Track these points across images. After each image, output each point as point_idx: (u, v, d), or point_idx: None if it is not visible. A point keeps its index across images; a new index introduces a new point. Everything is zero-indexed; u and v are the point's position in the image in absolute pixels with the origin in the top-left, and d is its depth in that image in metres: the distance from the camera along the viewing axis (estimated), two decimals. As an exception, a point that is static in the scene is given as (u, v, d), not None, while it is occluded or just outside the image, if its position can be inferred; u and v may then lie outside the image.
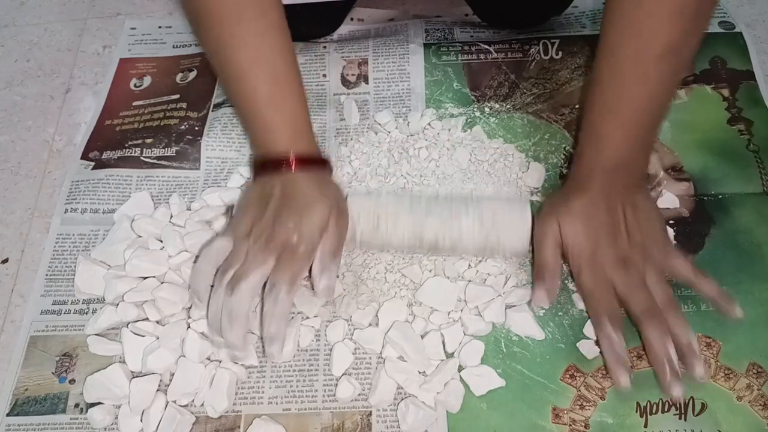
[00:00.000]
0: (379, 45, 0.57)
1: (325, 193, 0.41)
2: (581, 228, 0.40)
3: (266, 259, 0.38)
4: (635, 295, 0.39)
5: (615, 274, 0.39)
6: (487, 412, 0.39)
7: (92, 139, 0.53)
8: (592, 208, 0.40)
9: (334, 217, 0.40)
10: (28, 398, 0.40)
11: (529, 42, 0.56)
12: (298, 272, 0.39)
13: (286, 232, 0.39)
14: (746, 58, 0.54)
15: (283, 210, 0.40)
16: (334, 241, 0.40)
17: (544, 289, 0.41)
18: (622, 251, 0.39)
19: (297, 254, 0.39)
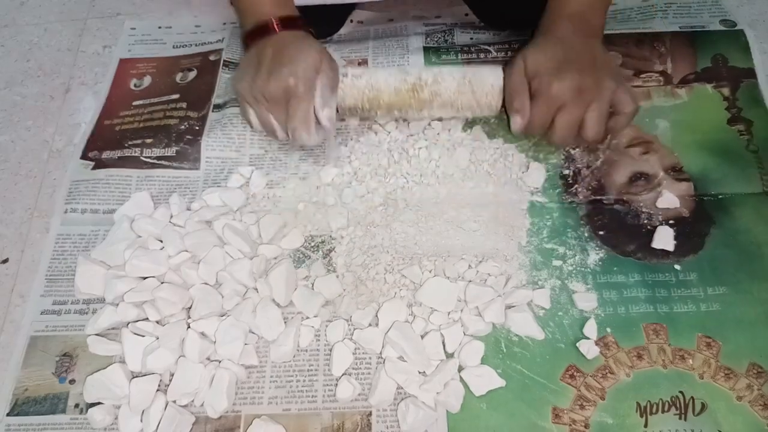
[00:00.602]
0: (378, 46, 0.57)
1: (311, 42, 0.46)
2: (543, 58, 0.45)
3: (276, 113, 0.44)
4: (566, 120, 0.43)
5: (565, 96, 0.43)
6: (487, 412, 0.39)
7: (92, 139, 0.53)
8: (554, 46, 0.45)
9: (325, 58, 0.45)
10: (28, 398, 0.41)
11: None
12: (306, 109, 0.43)
13: (282, 79, 0.43)
14: (748, 55, 0.54)
15: (275, 63, 0.44)
16: (331, 77, 0.45)
17: (517, 113, 0.45)
18: (576, 78, 0.43)
19: (299, 94, 0.43)
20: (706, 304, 0.42)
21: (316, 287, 0.44)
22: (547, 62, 0.44)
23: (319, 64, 0.44)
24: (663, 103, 0.52)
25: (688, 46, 0.55)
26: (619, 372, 0.40)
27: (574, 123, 0.43)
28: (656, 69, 0.54)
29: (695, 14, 0.58)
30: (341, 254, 0.45)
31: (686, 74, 0.54)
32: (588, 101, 0.43)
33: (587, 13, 0.46)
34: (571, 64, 0.43)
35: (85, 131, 0.54)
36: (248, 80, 0.45)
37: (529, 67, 0.45)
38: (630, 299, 0.43)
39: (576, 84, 0.43)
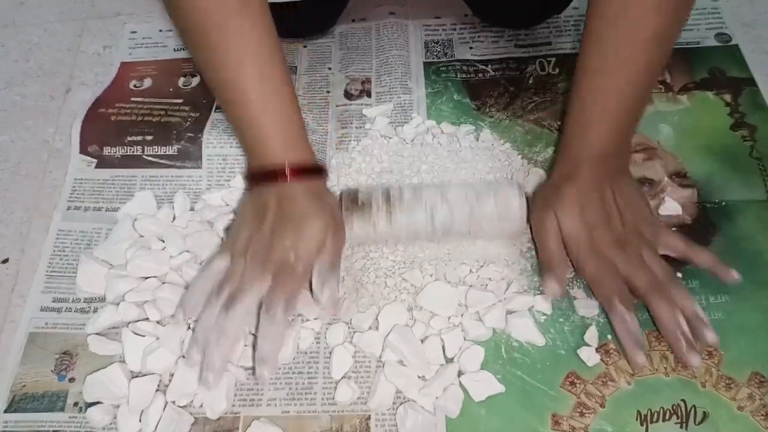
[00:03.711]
0: (381, 64, 0.60)
1: (321, 205, 0.43)
2: (577, 217, 0.43)
3: (263, 279, 0.40)
4: (638, 273, 0.42)
5: (615, 255, 0.42)
6: (487, 418, 0.41)
7: (87, 129, 0.55)
8: (584, 197, 0.43)
9: (330, 231, 0.42)
10: (26, 395, 0.43)
11: (525, 61, 0.60)
12: (294, 292, 0.41)
13: (283, 250, 0.41)
14: (744, 68, 0.57)
15: (280, 226, 0.41)
16: (332, 255, 0.43)
17: (555, 278, 0.43)
18: (618, 233, 0.43)
19: (294, 274, 0.41)
20: (708, 312, 0.44)
21: (317, 289, 0.46)
22: (583, 222, 0.42)
23: (323, 240, 0.42)
24: (665, 108, 0.55)
25: (684, 61, 0.58)
26: (620, 379, 0.42)
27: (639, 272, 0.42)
28: (655, 79, 0.57)
29: (692, 26, 0.61)
30: (344, 256, 0.47)
31: (686, 83, 0.57)
32: (637, 250, 0.42)
33: (613, 152, 0.44)
34: (608, 217, 0.43)
35: (79, 119, 0.55)
36: (247, 230, 0.42)
37: (564, 229, 0.43)
38: (632, 306, 0.45)
39: (618, 238, 0.42)
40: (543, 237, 0.44)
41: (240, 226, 0.43)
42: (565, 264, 0.44)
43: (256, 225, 0.42)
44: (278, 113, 0.44)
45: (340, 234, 0.44)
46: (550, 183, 0.46)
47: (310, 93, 0.59)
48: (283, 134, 0.44)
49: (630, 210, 0.44)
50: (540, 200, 0.46)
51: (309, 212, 0.42)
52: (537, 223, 0.45)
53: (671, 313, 0.41)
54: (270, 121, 0.43)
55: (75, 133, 0.55)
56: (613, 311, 0.42)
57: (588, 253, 0.43)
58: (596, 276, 0.43)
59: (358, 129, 0.56)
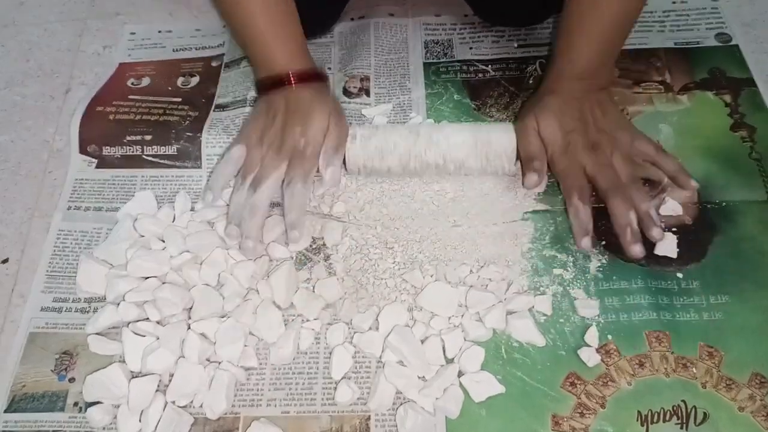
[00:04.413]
0: (380, 65, 0.61)
1: (324, 100, 0.49)
2: (555, 120, 0.48)
3: (280, 163, 0.47)
4: (602, 174, 0.47)
5: (585, 156, 0.47)
6: (487, 419, 0.41)
7: (85, 127, 0.55)
8: (564, 105, 0.48)
9: (333, 119, 0.49)
10: (26, 395, 0.43)
11: (526, 61, 0.60)
12: (309, 169, 0.47)
13: (294, 138, 0.47)
14: (745, 68, 0.57)
15: (289, 119, 0.48)
16: (335, 138, 0.49)
17: (534, 172, 0.47)
18: (592, 137, 0.48)
19: (306, 155, 0.47)
20: (708, 313, 0.44)
21: (317, 290, 0.46)
22: (560, 124, 0.48)
23: (327, 126, 0.48)
24: (665, 108, 0.55)
25: (684, 61, 0.59)
26: (620, 380, 0.42)
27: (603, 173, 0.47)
28: (655, 79, 0.57)
29: (692, 25, 0.61)
30: (342, 257, 0.48)
31: (686, 83, 0.57)
32: (606, 153, 0.47)
33: (595, 69, 0.49)
34: (584, 123, 0.48)
35: (77, 118, 0.56)
36: (260, 126, 0.49)
37: (542, 129, 0.48)
38: (632, 306, 0.45)
39: (591, 141, 0.47)
40: (523, 138, 0.49)
41: (253, 122, 0.50)
42: (543, 158, 0.48)
43: (268, 120, 0.49)
44: (284, 32, 0.50)
45: (342, 121, 0.50)
46: (536, 96, 0.52)
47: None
48: (288, 46, 0.50)
49: (607, 120, 0.49)
50: (524, 109, 0.52)
51: (314, 105, 0.48)
52: (520, 126, 0.50)
53: (625, 210, 0.46)
54: (276, 37, 0.49)
55: (74, 132, 0.55)
56: (570, 203, 0.47)
57: (561, 154, 0.48)
58: (563, 172, 0.48)
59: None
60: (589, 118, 0.48)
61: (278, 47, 0.49)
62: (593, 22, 0.48)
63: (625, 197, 0.46)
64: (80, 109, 0.56)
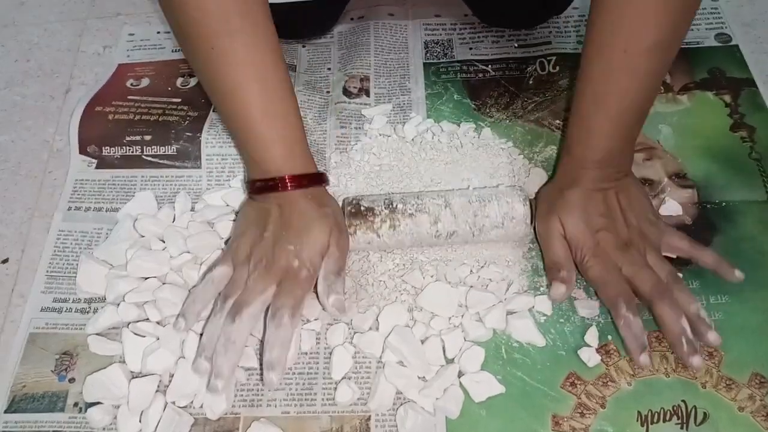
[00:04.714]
0: (380, 65, 0.61)
1: (323, 212, 0.43)
2: (581, 220, 0.44)
3: (267, 286, 0.40)
4: (642, 275, 0.42)
5: (619, 258, 0.43)
6: (487, 419, 0.41)
7: (84, 127, 0.55)
8: (588, 200, 0.44)
9: (334, 236, 0.43)
10: (26, 395, 0.43)
11: (526, 61, 0.60)
12: (300, 298, 0.41)
13: (286, 256, 0.41)
14: (745, 68, 0.57)
15: (282, 233, 0.42)
16: (337, 260, 0.43)
17: (561, 283, 0.43)
18: (622, 235, 0.43)
19: (299, 279, 0.41)
20: (708, 313, 0.44)
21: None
22: (587, 224, 0.43)
23: (326, 245, 0.42)
24: (665, 109, 0.55)
25: (684, 61, 0.59)
26: (620, 380, 0.42)
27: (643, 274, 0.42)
28: (655, 79, 0.57)
29: (692, 26, 0.60)
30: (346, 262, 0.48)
31: (686, 83, 0.57)
32: (641, 251, 0.43)
33: (616, 155, 0.44)
34: (613, 220, 0.44)
35: (76, 118, 0.55)
36: (249, 240, 0.43)
37: (568, 233, 0.44)
38: (632, 307, 0.45)
39: (622, 239, 0.43)
40: (548, 241, 0.45)
41: (241, 234, 0.44)
42: (571, 266, 0.44)
43: (258, 233, 0.42)
44: (280, 126, 0.44)
45: (344, 239, 0.44)
46: (554, 187, 0.47)
47: (309, 92, 0.59)
48: (284, 143, 0.44)
49: (633, 212, 0.44)
50: (544, 204, 0.46)
51: (311, 218, 0.42)
52: (542, 228, 0.46)
53: (675, 316, 0.41)
54: (271, 131, 0.43)
55: (73, 133, 0.55)
56: (618, 314, 0.42)
57: (592, 256, 0.43)
58: (600, 278, 0.43)
59: (357, 129, 0.56)
60: (617, 211, 0.44)
61: (274, 144, 0.43)
62: (612, 102, 0.42)
63: (673, 301, 0.41)
64: (79, 110, 0.56)
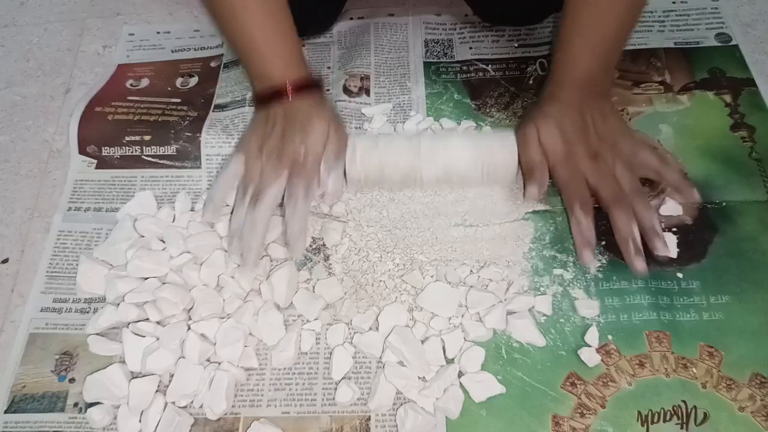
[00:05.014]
0: (380, 64, 0.61)
1: (322, 108, 0.49)
2: (556, 129, 0.47)
3: (280, 174, 0.46)
4: (604, 185, 0.46)
5: (587, 166, 0.47)
6: (487, 419, 0.41)
7: (84, 128, 0.55)
8: (565, 113, 0.47)
9: (333, 127, 0.48)
10: (26, 395, 0.43)
11: (526, 61, 0.60)
12: (310, 179, 0.46)
13: (294, 147, 0.46)
14: (745, 68, 0.57)
15: (288, 129, 0.47)
16: (335, 145, 0.48)
17: (535, 182, 0.47)
18: (593, 146, 0.47)
19: (307, 165, 0.46)
20: (708, 313, 0.44)
21: (317, 290, 0.46)
22: (561, 134, 0.47)
23: (326, 135, 0.47)
24: (665, 109, 0.55)
25: (684, 61, 0.58)
26: (621, 380, 0.42)
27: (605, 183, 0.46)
28: (655, 80, 0.57)
29: (692, 25, 0.61)
30: (341, 258, 0.48)
31: (686, 83, 0.57)
32: (608, 161, 0.46)
33: (595, 77, 0.48)
34: (585, 132, 0.47)
35: (76, 118, 0.55)
36: (259, 136, 0.48)
37: (543, 138, 0.47)
38: (632, 306, 0.45)
39: (593, 150, 0.46)
40: (524, 147, 0.48)
41: (251, 133, 0.49)
42: (544, 169, 0.47)
43: (267, 130, 0.48)
44: (280, 41, 0.49)
45: (341, 129, 0.49)
46: (536, 105, 0.51)
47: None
48: (284, 56, 0.49)
49: (608, 128, 0.48)
50: (525, 118, 0.51)
51: (312, 114, 0.48)
52: (520, 135, 0.49)
53: (627, 221, 0.45)
54: (272, 47, 0.49)
55: (73, 133, 0.55)
56: (571, 214, 0.47)
57: (562, 163, 0.47)
58: (565, 183, 0.47)
59: (357, 128, 0.56)
60: (590, 125, 0.47)
61: (275, 58, 0.49)
62: (592, 29, 0.47)
63: (628, 209, 0.45)
64: (78, 111, 0.56)
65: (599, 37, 0.47)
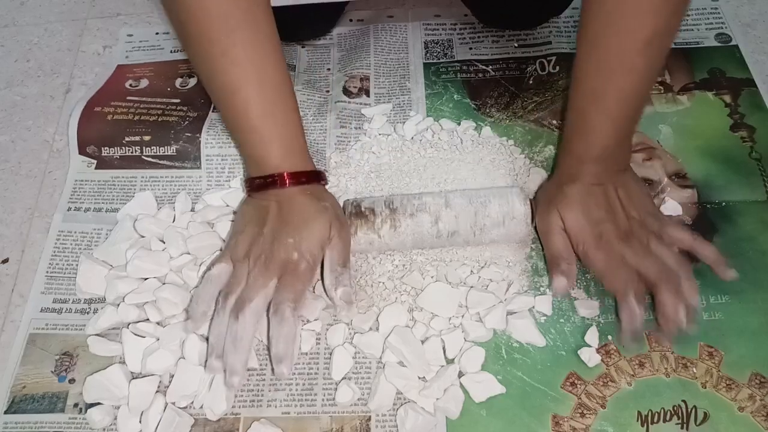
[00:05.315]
0: (380, 65, 0.60)
1: (321, 205, 0.43)
2: (581, 213, 0.44)
3: (268, 281, 0.40)
4: (646, 262, 0.42)
5: (622, 247, 0.43)
6: (487, 419, 0.41)
7: (84, 128, 0.54)
8: (588, 194, 0.44)
9: (335, 227, 0.43)
10: (26, 396, 0.43)
11: (526, 61, 0.60)
12: (301, 291, 0.41)
13: (285, 250, 0.41)
14: (744, 68, 0.57)
15: (281, 228, 0.42)
16: (341, 250, 0.43)
17: (562, 275, 0.43)
18: (623, 226, 0.43)
19: (299, 272, 0.41)
20: (708, 313, 0.44)
21: (317, 290, 0.45)
22: (587, 218, 0.43)
23: (326, 238, 0.42)
24: (665, 109, 0.55)
25: (684, 61, 0.58)
26: (621, 380, 0.42)
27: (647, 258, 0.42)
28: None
29: (692, 25, 0.61)
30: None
31: (686, 83, 0.57)
32: (642, 240, 0.43)
33: (614, 150, 0.44)
34: (613, 213, 0.43)
35: (75, 118, 0.55)
36: (248, 237, 0.42)
37: (569, 227, 0.44)
38: (632, 307, 0.45)
39: (623, 230, 0.43)
40: (548, 235, 0.45)
41: (240, 231, 0.44)
42: (572, 259, 0.44)
43: (256, 229, 0.43)
44: (280, 124, 0.44)
45: (345, 230, 0.44)
46: (553, 183, 0.47)
47: (308, 91, 0.58)
48: (283, 141, 0.44)
49: (633, 204, 0.44)
50: (544, 201, 0.47)
51: (309, 212, 0.42)
52: (542, 223, 0.46)
53: (674, 305, 0.41)
54: (270, 130, 0.43)
55: (72, 133, 0.55)
56: (624, 302, 0.42)
57: (595, 248, 0.43)
58: (607, 268, 0.43)
59: (357, 129, 0.56)
60: (617, 204, 0.44)
61: (273, 144, 0.43)
62: (609, 100, 0.42)
63: (677, 289, 0.41)
64: (77, 111, 0.56)
65: (618, 106, 0.43)
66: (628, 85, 0.42)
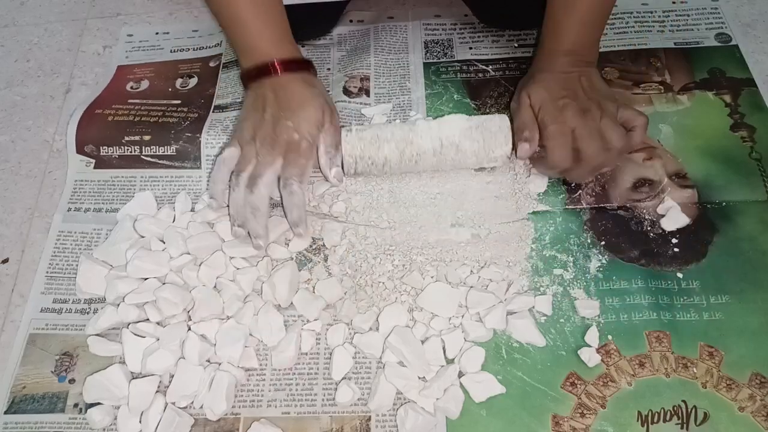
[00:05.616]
0: (380, 65, 0.60)
1: (313, 91, 0.48)
2: (545, 90, 0.49)
3: (275, 159, 0.46)
4: (592, 143, 0.46)
5: (575, 120, 0.47)
6: (487, 419, 0.41)
7: (83, 129, 0.54)
8: (554, 80, 0.49)
9: (327, 113, 0.47)
10: (26, 396, 0.43)
11: (526, 61, 0.59)
12: (304, 165, 0.46)
13: (287, 132, 0.46)
14: (744, 68, 0.57)
15: (280, 112, 0.46)
16: (333, 134, 0.48)
17: (525, 142, 0.47)
18: (583, 104, 0.48)
19: (301, 150, 0.46)
20: (708, 313, 0.44)
21: (317, 290, 0.46)
22: (550, 95, 0.48)
23: (321, 120, 0.47)
24: (665, 108, 0.55)
25: (684, 60, 0.58)
26: (621, 380, 0.42)
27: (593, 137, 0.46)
28: (655, 80, 0.57)
29: (692, 25, 0.61)
30: (340, 258, 0.47)
31: (686, 83, 0.57)
32: (596, 118, 0.47)
33: (581, 48, 0.50)
34: (574, 92, 0.48)
35: (75, 119, 0.55)
36: (251, 122, 0.47)
37: (534, 101, 0.48)
38: (632, 306, 0.45)
39: (581, 107, 0.47)
40: (517, 111, 0.50)
41: (244, 118, 0.48)
42: (535, 128, 0.48)
43: (258, 115, 0.47)
44: (269, 19, 0.49)
45: (335, 115, 0.49)
46: (528, 76, 0.52)
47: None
48: (273, 34, 0.49)
49: (595, 90, 0.49)
50: (518, 89, 0.52)
51: (304, 96, 0.47)
52: (514, 103, 0.51)
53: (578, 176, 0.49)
54: (261, 24, 0.48)
55: (71, 135, 0.54)
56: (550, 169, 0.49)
57: (551, 119, 0.47)
58: (555, 141, 0.47)
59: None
60: (579, 88, 0.48)
61: (262, 34, 0.48)
62: (580, 7, 0.49)
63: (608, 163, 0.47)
64: (77, 114, 0.56)
65: (585, 9, 0.49)
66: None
